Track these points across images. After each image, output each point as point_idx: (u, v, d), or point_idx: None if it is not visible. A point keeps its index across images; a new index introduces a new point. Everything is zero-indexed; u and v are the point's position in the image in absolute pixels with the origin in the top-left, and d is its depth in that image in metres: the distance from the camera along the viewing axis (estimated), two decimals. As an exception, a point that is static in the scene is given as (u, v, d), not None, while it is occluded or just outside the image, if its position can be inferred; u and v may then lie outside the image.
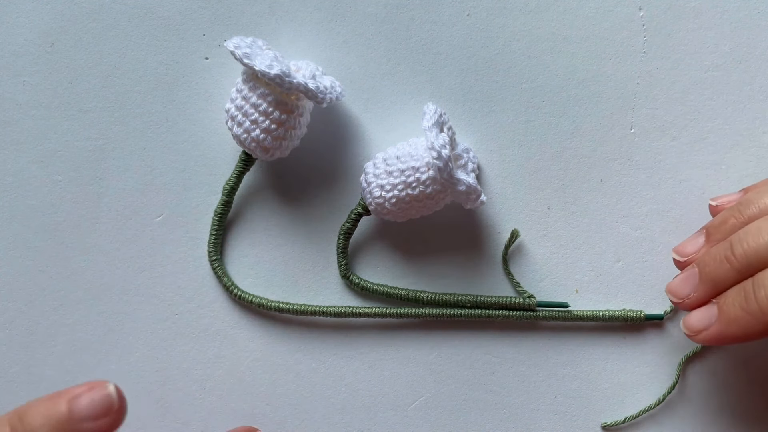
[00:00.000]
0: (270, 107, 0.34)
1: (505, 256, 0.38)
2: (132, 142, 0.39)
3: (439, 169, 0.33)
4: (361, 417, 0.38)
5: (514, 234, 0.37)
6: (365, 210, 0.37)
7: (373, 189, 0.35)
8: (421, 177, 0.34)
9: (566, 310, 0.37)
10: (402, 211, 0.35)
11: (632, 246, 0.38)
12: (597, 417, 0.38)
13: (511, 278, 0.38)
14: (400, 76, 0.38)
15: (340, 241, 0.37)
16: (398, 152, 0.35)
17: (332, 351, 0.38)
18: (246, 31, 0.38)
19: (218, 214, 0.38)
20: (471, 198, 0.34)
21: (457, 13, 0.38)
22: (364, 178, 0.36)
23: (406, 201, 0.35)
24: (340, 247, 0.38)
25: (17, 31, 0.39)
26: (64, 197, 0.39)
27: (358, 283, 0.38)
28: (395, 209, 0.35)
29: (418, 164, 0.34)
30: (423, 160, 0.34)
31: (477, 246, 0.38)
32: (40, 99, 0.39)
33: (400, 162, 0.35)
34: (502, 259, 0.38)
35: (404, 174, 0.34)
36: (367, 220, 0.38)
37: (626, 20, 0.38)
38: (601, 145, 0.38)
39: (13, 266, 0.39)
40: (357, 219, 0.37)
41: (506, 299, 0.37)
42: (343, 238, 0.37)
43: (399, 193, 0.35)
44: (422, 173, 0.34)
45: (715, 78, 0.38)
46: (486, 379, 0.38)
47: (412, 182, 0.34)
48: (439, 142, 0.33)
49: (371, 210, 0.36)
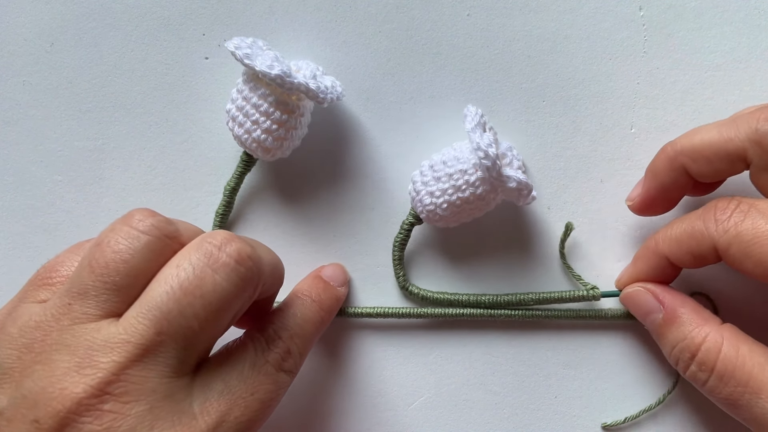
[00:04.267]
0: (271, 107, 0.34)
1: (562, 250, 0.38)
2: (132, 142, 0.39)
3: (488, 169, 0.33)
4: (361, 417, 0.38)
5: (568, 227, 0.37)
6: (417, 219, 0.37)
7: (423, 197, 0.35)
8: (470, 179, 0.34)
9: (570, 309, 0.37)
10: (454, 215, 0.35)
11: (632, 246, 0.38)
12: (597, 417, 0.38)
13: (571, 271, 0.38)
14: (400, 76, 0.38)
15: (396, 253, 0.38)
16: (443, 157, 0.35)
17: (331, 351, 0.38)
18: (246, 31, 0.38)
19: (219, 215, 0.38)
20: (522, 194, 0.34)
21: (457, 13, 0.38)
22: (412, 188, 0.36)
23: (457, 205, 0.35)
24: (396, 258, 0.38)
25: (17, 30, 0.39)
26: (64, 197, 0.39)
27: (418, 293, 0.38)
28: (447, 214, 0.35)
29: (465, 167, 0.34)
30: (470, 162, 0.34)
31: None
32: (40, 99, 0.39)
33: (447, 167, 0.35)
34: (560, 253, 0.38)
35: (452, 178, 0.34)
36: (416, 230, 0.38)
37: (626, 20, 0.38)
38: (601, 145, 0.38)
39: (14, 266, 0.39)
40: (410, 229, 0.37)
41: (569, 293, 0.37)
42: (398, 250, 0.37)
43: (449, 197, 0.34)
44: (470, 175, 0.34)
45: (715, 78, 0.38)
46: (486, 379, 0.38)
47: (462, 185, 0.34)
48: (485, 142, 0.33)
49: (423, 218, 0.36)
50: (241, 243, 0.29)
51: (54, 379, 0.26)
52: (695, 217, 0.33)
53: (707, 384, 0.32)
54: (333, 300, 0.36)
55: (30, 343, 0.27)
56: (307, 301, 0.34)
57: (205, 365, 0.29)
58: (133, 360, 0.26)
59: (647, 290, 0.35)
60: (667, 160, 0.34)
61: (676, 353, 0.33)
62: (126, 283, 0.28)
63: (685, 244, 0.33)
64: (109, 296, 0.27)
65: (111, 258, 0.28)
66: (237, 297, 0.28)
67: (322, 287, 0.35)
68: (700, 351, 0.32)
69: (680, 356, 0.33)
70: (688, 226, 0.33)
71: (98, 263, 0.28)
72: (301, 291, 0.35)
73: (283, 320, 0.32)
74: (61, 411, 0.25)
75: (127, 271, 0.28)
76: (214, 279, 0.28)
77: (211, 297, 0.28)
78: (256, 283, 0.29)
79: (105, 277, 0.28)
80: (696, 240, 0.32)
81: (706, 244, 0.32)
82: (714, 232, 0.32)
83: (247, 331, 0.32)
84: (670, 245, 0.34)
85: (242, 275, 0.28)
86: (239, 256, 0.28)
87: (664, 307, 0.34)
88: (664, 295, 0.34)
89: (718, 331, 0.32)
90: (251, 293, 0.29)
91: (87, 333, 0.27)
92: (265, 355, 0.31)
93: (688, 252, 0.33)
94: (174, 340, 0.27)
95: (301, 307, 0.33)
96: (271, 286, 0.32)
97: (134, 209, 0.29)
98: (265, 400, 0.30)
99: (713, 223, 0.32)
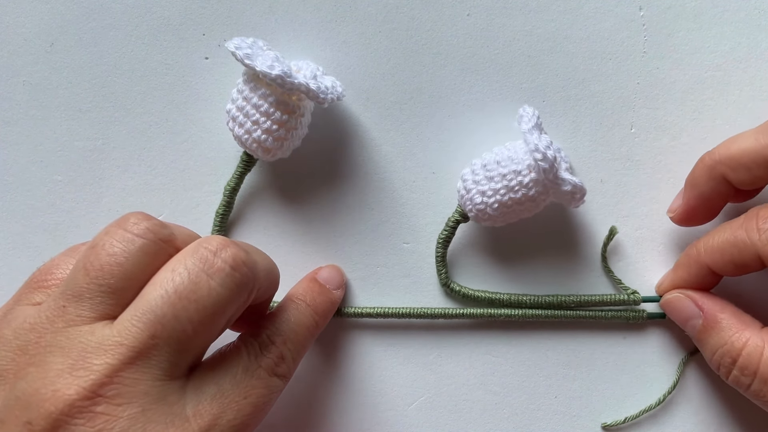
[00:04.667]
0: (271, 108, 0.34)
1: (604, 254, 0.38)
2: (132, 142, 0.39)
3: (545, 171, 0.33)
4: (361, 417, 0.38)
5: (612, 231, 0.37)
6: (464, 217, 0.37)
7: (474, 196, 0.35)
8: (524, 180, 0.34)
9: (574, 311, 0.37)
10: (503, 215, 0.35)
11: (632, 246, 0.38)
12: (597, 417, 0.38)
13: (612, 275, 0.38)
14: (400, 76, 0.38)
15: (439, 250, 0.37)
16: (497, 157, 0.35)
17: (331, 351, 0.38)
18: (246, 31, 0.38)
19: (219, 215, 0.38)
20: (576, 197, 0.34)
21: (457, 12, 0.38)
22: (462, 186, 0.36)
23: (508, 205, 0.34)
24: (438, 255, 0.37)
25: (17, 31, 0.39)
26: (64, 197, 0.39)
27: (459, 290, 0.38)
28: (497, 214, 0.35)
29: (519, 167, 0.34)
30: (524, 162, 0.34)
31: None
32: (40, 99, 0.39)
33: (501, 167, 0.34)
34: (602, 257, 0.38)
35: (506, 178, 0.34)
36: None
37: (626, 20, 0.38)
38: (601, 145, 0.38)
39: (13, 266, 0.39)
40: (455, 227, 0.37)
41: (610, 297, 0.37)
42: (441, 247, 0.37)
43: (501, 197, 0.34)
44: (524, 176, 0.34)
45: (715, 78, 0.38)
46: (486, 379, 0.38)
47: (515, 186, 0.34)
48: (543, 143, 0.33)
49: (471, 217, 0.36)
50: (237, 248, 0.29)
51: (47, 381, 0.26)
52: (737, 225, 0.33)
53: (751, 388, 0.32)
54: (328, 303, 0.36)
55: (24, 345, 0.27)
56: (301, 305, 0.34)
57: (199, 369, 0.29)
58: (126, 363, 0.26)
59: (687, 296, 0.35)
60: (705, 170, 0.34)
61: (717, 358, 0.34)
62: (120, 286, 0.28)
63: (727, 253, 0.33)
64: (104, 299, 0.28)
65: (106, 261, 0.28)
66: (231, 302, 0.28)
67: (317, 291, 0.35)
68: (741, 356, 0.32)
69: (721, 361, 0.33)
70: (731, 236, 0.33)
71: (93, 266, 0.28)
72: (296, 295, 0.35)
73: (276, 325, 0.32)
74: (53, 413, 0.26)
75: (121, 274, 0.28)
76: (209, 284, 0.28)
77: (205, 302, 0.28)
78: (250, 289, 0.29)
79: (99, 280, 0.28)
80: (738, 249, 0.32)
81: (749, 253, 0.32)
82: (757, 241, 0.32)
83: (241, 336, 0.32)
84: (713, 255, 0.34)
85: (237, 281, 0.28)
86: (234, 262, 0.28)
87: (704, 312, 0.34)
88: (703, 301, 0.35)
89: (759, 335, 0.33)
90: (246, 298, 0.29)
91: (81, 335, 0.27)
92: (258, 360, 0.31)
93: (731, 261, 0.33)
94: (167, 344, 0.27)
95: (295, 311, 0.33)
96: (266, 291, 0.32)
97: (129, 213, 0.30)
98: (258, 404, 0.30)
99: (756, 232, 0.32)
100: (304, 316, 0.34)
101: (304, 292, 0.35)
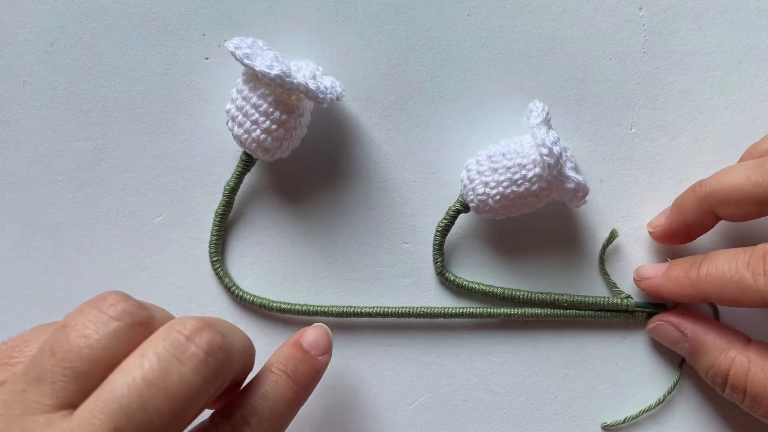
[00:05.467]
0: (270, 108, 0.34)
1: (602, 256, 0.38)
2: (132, 142, 0.39)
3: (550, 166, 0.33)
4: (361, 417, 0.38)
5: (612, 234, 0.37)
6: (464, 207, 0.37)
7: (477, 186, 0.35)
8: (528, 174, 0.34)
9: (577, 312, 0.37)
10: (504, 208, 0.35)
11: (632, 246, 0.38)
12: (597, 417, 0.38)
13: (608, 278, 0.38)
14: (400, 76, 0.38)
15: (437, 238, 0.37)
16: (503, 149, 0.35)
17: (332, 350, 0.38)
18: (246, 31, 0.38)
19: (219, 215, 0.38)
20: (577, 196, 0.34)
21: (457, 13, 0.38)
22: (466, 175, 0.36)
23: (509, 198, 0.34)
24: (436, 244, 0.37)
25: (17, 31, 0.39)
26: (64, 197, 0.39)
27: (454, 280, 0.38)
28: (497, 206, 0.35)
29: (524, 161, 0.34)
30: (530, 157, 0.34)
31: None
32: (40, 99, 0.39)
33: (506, 159, 0.34)
34: (599, 259, 0.38)
35: (510, 171, 0.34)
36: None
37: (626, 20, 0.38)
38: (601, 145, 0.38)
39: (13, 266, 0.39)
40: (455, 216, 0.37)
41: (603, 299, 0.37)
42: (439, 235, 0.37)
43: (504, 190, 0.34)
44: (529, 170, 0.34)
45: (715, 78, 0.38)
46: (486, 379, 0.38)
47: (518, 179, 0.34)
48: (551, 139, 0.33)
49: (472, 207, 0.36)
50: (212, 332, 0.27)
51: None
52: (742, 264, 0.32)
53: (744, 404, 0.33)
54: (312, 373, 0.32)
55: None
56: (281, 378, 0.31)
57: None
58: None
59: (669, 323, 0.36)
60: (696, 201, 0.34)
61: (709, 378, 0.34)
62: (86, 370, 0.25)
63: (729, 291, 0.32)
64: (66, 383, 0.25)
65: (75, 344, 0.26)
66: (205, 391, 0.26)
67: (300, 358, 0.32)
68: (729, 376, 0.33)
69: (714, 380, 0.34)
70: (735, 275, 0.32)
71: (61, 348, 0.26)
72: (275, 364, 0.31)
73: (252, 402, 0.30)
74: None
75: (89, 358, 0.25)
76: (180, 371, 0.25)
77: (176, 390, 0.25)
78: (226, 375, 0.27)
79: (65, 363, 0.25)
80: (742, 290, 0.32)
81: (753, 296, 0.31)
82: (763, 287, 0.31)
83: (212, 416, 0.29)
84: (712, 286, 0.33)
85: (211, 367, 0.26)
86: (209, 348, 0.26)
87: (687, 337, 0.35)
88: (685, 325, 0.35)
89: (744, 353, 0.33)
90: (221, 384, 0.27)
91: (36, 427, 0.25)
92: None
93: (732, 300, 0.32)
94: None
95: (273, 385, 0.30)
96: (242, 372, 0.30)
97: (107, 291, 0.27)
98: None
99: (762, 276, 0.31)
100: (284, 389, 0.31)
101: (286, 361, 0.32)
